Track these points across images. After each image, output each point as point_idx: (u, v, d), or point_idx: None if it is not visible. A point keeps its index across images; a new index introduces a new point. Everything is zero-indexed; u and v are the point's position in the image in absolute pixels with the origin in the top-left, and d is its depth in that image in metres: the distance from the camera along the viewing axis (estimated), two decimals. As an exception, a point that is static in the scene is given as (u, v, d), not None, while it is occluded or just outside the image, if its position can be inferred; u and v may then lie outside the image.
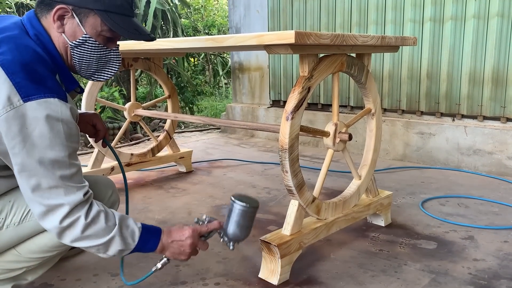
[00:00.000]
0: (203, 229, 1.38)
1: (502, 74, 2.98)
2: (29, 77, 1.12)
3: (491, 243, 1.94)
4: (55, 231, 1.18)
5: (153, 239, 1.32)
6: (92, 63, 1.30)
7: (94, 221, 1.20)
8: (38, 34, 1.23)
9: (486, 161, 3.06)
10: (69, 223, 1.17)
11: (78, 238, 1.19)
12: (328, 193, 2.65)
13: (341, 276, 1.68)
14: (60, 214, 1.16)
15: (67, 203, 1.16)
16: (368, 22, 3.54)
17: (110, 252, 1.25)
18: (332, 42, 1.54)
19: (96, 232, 1.21)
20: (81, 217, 1.18)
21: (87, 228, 1.19)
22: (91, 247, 1.22)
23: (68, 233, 1.18)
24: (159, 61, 3.01)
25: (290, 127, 1.54)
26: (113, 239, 1.23)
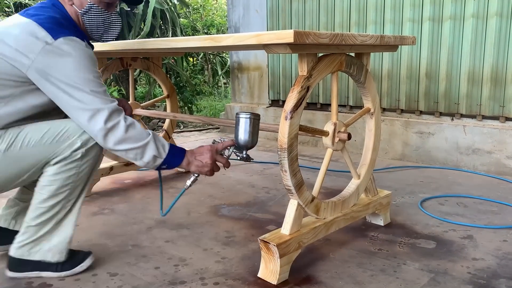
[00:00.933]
0: (219, 146, 1.65)
1: (501, 74, 2.98)
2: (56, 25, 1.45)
3: (490, 243, 1.94)
4: (101, 133, 1.41)
5: (179, 154, 1.55)
6: (99, 26, 1.60)
7: (132, 125, 1.45)
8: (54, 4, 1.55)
9: (485, 160, 3.06)
10: (112, 125, 1.42)
11: (121, 139, 1.42)
12: (327, 193, 2.65)
13: (340, 276, 1.67)
14: (103, 116, 1.41)
15: (106, 107, 1.42)
16: (367, 22, 3.54)
17: (145, 157, 1.46)
18: (331, 42, 1.54)
19: (135, 135, 1.44)
20: (121, 120, 1.44)
21: (127, 129, 1.43)
22: (130, 149, 1.44)
23: (112, 134, 1.42)
24: (158, 60, 3.00)
25: (289, 127, 1.54)
26: (149, 144, 1.46)
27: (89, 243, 1.98)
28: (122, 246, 1.96)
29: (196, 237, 2.05)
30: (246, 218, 2.27)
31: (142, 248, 1.93)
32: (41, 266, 1.65)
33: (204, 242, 1.99)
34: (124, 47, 2.15)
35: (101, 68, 2.67)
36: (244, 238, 2.02)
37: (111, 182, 2.92)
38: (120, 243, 1.99)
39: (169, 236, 2.05)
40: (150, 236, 2.06)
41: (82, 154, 1.53)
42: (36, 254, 1.64)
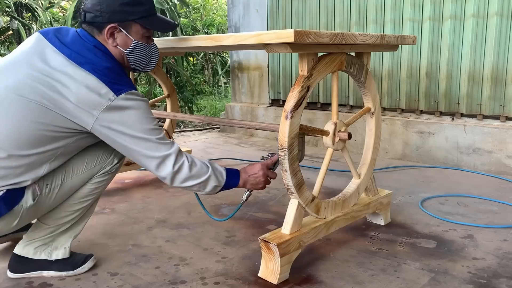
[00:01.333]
0: (268, 162, 1.72)
1: (502, 73, 2.98)
2: (114, 78, 1.43)
3: (490, 242, 1.94)
4: (169, 176, 1.49)
5: (235, 176, 1.64)
6: (143, 60, 1.63)
7: (194, 163, 1.53)
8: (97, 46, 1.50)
9: (486, 160, 3.06)
10: (179, 167, 1.49)
11: (187, 178, 1.51)
12: (327, 192, 2.65)
13: (340, 275, 1.67)
14: (171, 161, 1.48)
15: (172, 152, 1.49)
16: (367, 22, 3.54)
17: (207, 188, 1.56)
18: (332, 41, 1.54)
19: (198, 171, 1.53)
20: (185, 161, 1.51)
21: (191, 168, 1.51)
22: (194, 185, 1.53)
23: (179, 175, 1.50)
24: (158, 60, 3.00)
25: (289, 126, 1.54)
26: (210, 177, 1.55)
27: (90, 243, 1.98)
28: (122, 245, 1.96)
29: (196, 236, 2.05)
30: (246, 217, 2.27)
31: (143, 247, 1.93)
32: (43, 265, 1.66)
33: (205, 241, 1.99)
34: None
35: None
36: (244, 238, 2.02)
37: (112, 181, 2.91)
38: (120, 242, 1.99)
39: (169, 236, 2.05)
40: (151, 235, 2.06)
41: (116, 169, 1.70)
42: (42, 253, 1.66)
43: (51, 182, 1.53)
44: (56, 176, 1.55)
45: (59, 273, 1.67)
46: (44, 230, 1.65)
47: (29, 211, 1.50)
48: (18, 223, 1.52)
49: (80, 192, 1.63)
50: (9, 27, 4.81)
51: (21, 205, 1.47)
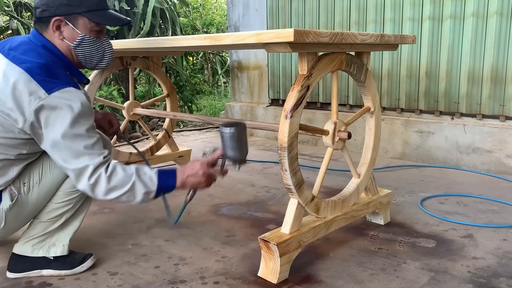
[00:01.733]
0: (209, 159, 1.60)
1: (501, 73, 2.98)
2: (47, 75, 1.41)
3: (490, 242, 1.94)
4: (88, 189, 1.44)
5: (170, 178, 1.53)
6: (93, 55, 1.58)
7: (114, 173, 1.45)
8: (44, 44, 1.51)
9: (485, 159, 3.06)
10: (95, 180, 1.43)
11: (107, 190, 1.44)
12: (327, 192, 2.65)
13: (340, 275, 1.67)
14: (87, 174, 1.42)
15: (91, 163, 1.43)
16: (367, 21, 3.54)
17: (138, 197, 1.48)
18: (331, 41, 1.54)
19: (119, 181, 1.45)
20: (102, 172, 1.44)
21: (109, 179, 1.44)
22: (120, 196, 1.46)
23: (98, 188, 1.44)
24: (158, 59, 3.00)
25: (289, 126, 1.54)
26: (135, 184, 1.46)
27: (89, 242, 1.97)
28: (122, 245, 1.95)
29: (196, 236, 2.04)
30: (246, 217, 2.27)
31: (142, 247, 1.93)
32: (42, 264, 1.66)
33: (204, 241, 1.99)
34: (124, 46, 2.15)
35: (101, 67, 2.67)
36: (244, 237, 2.02)
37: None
38: (120, 242, 1.98)
39: (169, 235, 2.05)
40: (150, 235, 2.06)
41: None
42: (40, 250, 1.66)
43: (28, 180, 1.55)
44: (32, 173, 1.56)
45: (58, 272, 1.67)
46: (38, 226, 1.65)
47: (12, 212, 1.52)
48: (6, 226, 1.53)
49: (66, 184, 1.61)
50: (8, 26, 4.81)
51: (0, 209, 1.49)
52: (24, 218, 1.60)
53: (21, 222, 1.61)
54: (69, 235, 1.70)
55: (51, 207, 1.63)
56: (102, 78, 2.69)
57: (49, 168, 1.59)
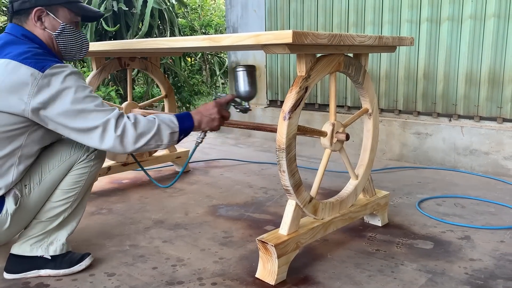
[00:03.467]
0: (222, 100, 1.71)
1: (499, 75, 2.99)
2: (35, 57, 1.43)
3: (487, 243, 1.95)
4: (117, 142, 1.44)
5: (187, 118, 1.59)
6: (72, 45, 1.63)
7: (137, 120, 1.48)
8: (24, 34, 1.54)
9: (483, 161, 3.07)
10: (122, 129, 1.44)
11: (137, 137, 1.46)
12: (325, 193, 2.65)
13: (338, 276, 1.68)
14: (111, 126, 1.43)
15: (112, 116, 1.44)
16: (365, 23, 3.54)
17: (164, 139, 1.51)
18: (330, 42, 1.54)
19: (145, 127, 1.48)
20: (127, 121, 1.46)
21: (136, 126, 1.46)
22: (149, 141, 1.48)
23: (126, 138, 1.45)
24: (156, 60, 3.00)
25: (287, 127, 1.54)
26: (160, 127, 1.50)
27: (87, 243, 1.97)
28: (119, 246, 1.95)
29: (194, 237, 2.04)
30: (244, 218, 2.27)
31: (140, 248, 1.93)
32: (40, 264, 1.66)
33: (202, 242, 1.99)
34: (122, 46, 2.15)
35: (99, 68, 2.67)
36: (242, 239, 2.02)
37: (109, 182, 2.92)
38: (117, 243, 1.98)
39: (166, 236, 2.05)
40: (148, 236, 2.06)
41: (95, 155, 1.66)
42: (39, 249, 1.66)
43: (29, 182, 1.56)
44: (32, 175, 1.57)
45: (56, 271, 1.67)
46: (37, 225, 1.65)
47: (16, 215, 1.53)
48: (10, 229, 1.54)
49: (64, 182, 1.63)
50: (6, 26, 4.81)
51: (5, 212, 1.50)
52: (25, 219, 1.61)
53: (23, 224, 1.62)
54: (67, 234, 1.71)
55: (49, 206, 1.63)
56: (100, 78, 2.68)
57: (48, 169, 1.60)
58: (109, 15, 4.35)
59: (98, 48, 2.29)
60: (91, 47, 2.34)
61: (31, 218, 1.63)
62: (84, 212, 2.32)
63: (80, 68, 5.14)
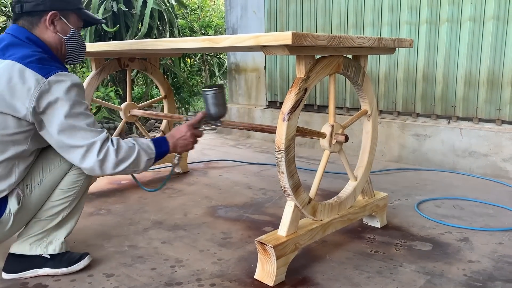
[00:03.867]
0: (193, 121, 1.80)
1: (498, 77, 2.99)
2: (40, 62, 1.45)
3: (486, 245, 1.95)
4: (97, 165, 1.47)
5: (164, 143, 1.67)
6: (77, 49, 1.68)
7: (120, 146, 1.52)
8: (28, 37, 1.55)
9: (481, 163, 3.07)
10: (104, 154, 1.48)
11: (116, 163, 1.50)
12: (324, 194, 2.65)
13: (336, 277, 1.68)
14: (95, 149, 1.47)
15: (98, 139, 1.48)
16: (365, 24, 3.55)
17: (141, 165, 1.57)
18: (329, 44, 1.54)
19: (126, 153, 1.52)
20: (110, 146, 1.50)
21: (117, 152, 1.50)
22: (128, 167, 1.53)
23: (107, 163, 1.49)
24: (156, 61, 3.00)
25: (286, 128, 1.54)
26: (140, 153, 1.56)
27: (85, 244, 1.97)
28: (118, 246, 1.95)
29: (192, 238, 2.04)
30: (242, 219, 2.27)
31: (139, 249, 1.93)
32: (38, 263, 1.66)
33: (201, 243, 1.99)
34: (122, 47, 2.15)
35: (98, 69, 2.67)
36: (240, 240, 2.02)
37: (108, 182, 2.91)
38: (116, 243, 1.98)
39: (165, 237, 2.05)
40: (147, 237, 2.06)
41: None
42: (38, 248, 1.67)
43: (30, 182, 1.58)
44: (33, 175, 1.59)
45: (55, 270, 1.67)
46: (36, 224, 1.66)
47: (19, 215, 1.55)
48: (11, 228, 1.56)
49: (64, 182, 1.64)
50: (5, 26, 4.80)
51: (8, 212, 1.52)
52: (26, 218, 1.62)
53: (23, 223, 1.63)
54: (65, 233, 1.72)
55: (49, 205, 1.64)
56: (99, 79, 2.68)
57: (49, 169, 1.61)
58: (109, 16, 4.35)
59: (97, 48, 2.29)
60: (91, 47, 2.34)
61: (30, 217, 1.64)
62: (83, 212, 2.32)
63: (79, 69, 5.14)
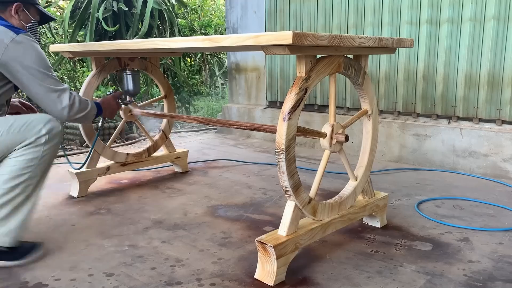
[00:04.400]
0: (115, 95, 2.33)
1: (498, 77, 2.99)
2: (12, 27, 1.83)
3: (486, 245, 1.95)
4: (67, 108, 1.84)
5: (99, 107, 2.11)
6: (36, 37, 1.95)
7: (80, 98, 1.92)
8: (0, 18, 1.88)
9: (482, 163, 3.07)
10: (73, 100, 1.87)
11: (78, 110, 1.89)
12: (324, 194, 2.65)
13: (337, 277, 1.68)
14: (67, 94, 1.85)
15: (67, 87, 1.88)
16: (365, 24, 3.55)
17: (89, 118, 2.00)
18: (330, 43, 1.54)
19: (84, 105, 1.93)
20: (76, 96, 1.89)
21: (80, 102, 1.90)
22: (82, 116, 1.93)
23: (73, 108, 1.87)
24: (156, 60, 3.00)
25: (287, 128, 1.54)
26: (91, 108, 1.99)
27: (85, 243, 1.97)
28: (118, 246, 1.95)
29: (192, 237, 2.04)
30: (243, 219, 2.27)
31: (139, 248, 1.93)
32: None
33: (201, 242, 1.99)
34: (122, 46, 2.15)
35: (98, 68, 2.67)
36: (240, 239, 2.02)
37: (108, 182, 2.91)
38: (116, 243, 1.98)
39: (165, 237, 2.05)
40: (147, 236, 2.06)
41: (45, 140, 1.72)
42: None
43: None
44: None
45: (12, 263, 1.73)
46: None
47: None
48: None
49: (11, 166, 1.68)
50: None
51: None
52: None
53: None
54: (21, 227, 1.73)
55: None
56: (99, 78, 2.68)
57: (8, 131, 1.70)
58: (109, 15, 4.34)
59: (97, 48, 2.29)
60: (91, 47, 2.34)
61: None
62: (83, 211, 2.32)
63: (80, 68, 5.14)
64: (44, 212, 2.35)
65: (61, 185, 2.84)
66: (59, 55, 4.77)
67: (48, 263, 1.78)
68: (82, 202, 2.52)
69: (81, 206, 2.46)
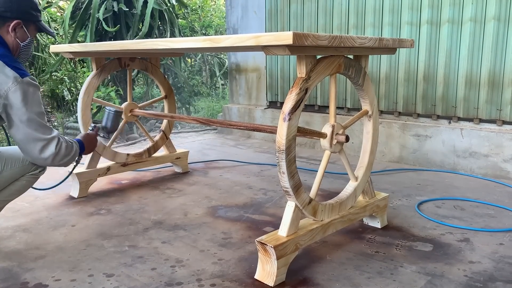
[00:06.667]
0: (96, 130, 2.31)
1: (498, 77, 2.99)
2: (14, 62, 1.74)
3: (486, 246, 1.95)
4: (51, 156, 1.76)
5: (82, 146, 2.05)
6: (27, 54, 1.91)
7: (67, 143, 1.85)
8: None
9: (482, 163, 3.07)
10: (59, 149, 1.79)
11: (63, 157, 1.81)
12: (324, 195, 2.65)
13: (337, 278, 1.67)
14: (54, 143, 1.77)
15: (55, 135, 1.79)
16: (365, 24, 3.55)
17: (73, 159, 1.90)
18: (330, 44, 1.54)
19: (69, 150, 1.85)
20: (63, 143, 1.82)
21: (66, 149, 1.83)
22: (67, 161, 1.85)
23: (58, 156, 1.79)
24: (156, 61, 3.00)
25: (287, 128, 1.54)
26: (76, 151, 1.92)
27: (85, 244, 1.97)
28: (118, 246, 1.95)
29: (193, 238, 2.04)
30: (243, 219, 2.27)
31: (139, 249, 1.93)
32: None
33: (201, 243, 1.99)
34: (122, 47, 2.15)
35: (99, 68, 2.67)
36: (241, 240, 2.02)
37: (108, 182, 2.91)
38: (116, 243, 1.98)
39: (165, 237, 2.05)
40: (147, 237, 2.05)
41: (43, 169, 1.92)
42: None
43: None
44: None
45: None
46: None
47: None
48: None
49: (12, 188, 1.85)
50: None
51: None
52: None
53: None
54: None
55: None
56: (100, 79, 2.68)
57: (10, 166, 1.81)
58: (110, 16, 4.34)
59: (98, 48, 2.29)
60: (91, 47, 2.34)
61: None
62: (83, 212, 2.32)
63: (80, 69, 5.14)
64: (44, 213, 2.35)
65: (61, 185, 2.83)
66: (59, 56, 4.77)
67: (48, 264, 1.78)
68: (82, 202, 2.52)
69: (81, 206, 2.45)
